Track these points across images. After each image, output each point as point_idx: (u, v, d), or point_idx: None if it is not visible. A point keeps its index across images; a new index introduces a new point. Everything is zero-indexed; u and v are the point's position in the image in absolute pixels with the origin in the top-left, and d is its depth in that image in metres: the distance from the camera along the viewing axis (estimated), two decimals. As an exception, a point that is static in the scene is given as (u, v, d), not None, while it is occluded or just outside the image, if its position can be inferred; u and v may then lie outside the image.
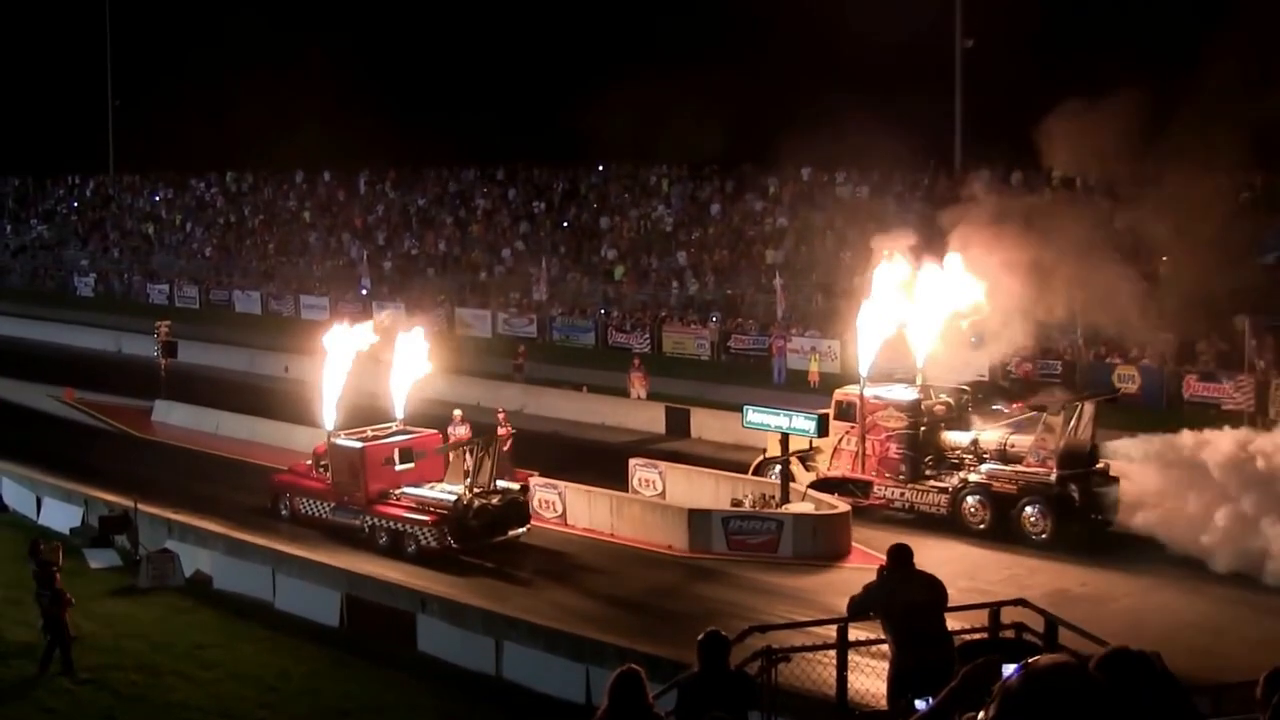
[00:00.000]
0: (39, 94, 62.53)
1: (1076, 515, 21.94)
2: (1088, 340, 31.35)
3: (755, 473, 24.64)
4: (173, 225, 60.28)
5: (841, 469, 24.32)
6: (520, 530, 22.88)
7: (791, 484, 23.48)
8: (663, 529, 22.80)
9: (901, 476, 23.59)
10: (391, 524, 22.90)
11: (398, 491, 23.23)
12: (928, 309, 24.23)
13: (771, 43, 40.23)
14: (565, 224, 48.75)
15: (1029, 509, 22.15)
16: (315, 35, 49.19)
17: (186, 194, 61.96)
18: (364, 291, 46.37)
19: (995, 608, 10.11)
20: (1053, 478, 22.03)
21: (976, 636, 9.69)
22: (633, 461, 25.43)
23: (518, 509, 22.88)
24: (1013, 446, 23.00)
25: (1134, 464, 22.43)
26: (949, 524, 22.68)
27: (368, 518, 23.21)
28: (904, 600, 9.37)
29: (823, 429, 23.64)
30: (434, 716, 17.54)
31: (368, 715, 17.26)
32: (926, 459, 23.68)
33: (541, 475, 24.74)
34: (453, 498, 22.46)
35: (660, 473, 24.95)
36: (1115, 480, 22.48)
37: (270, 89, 48.77)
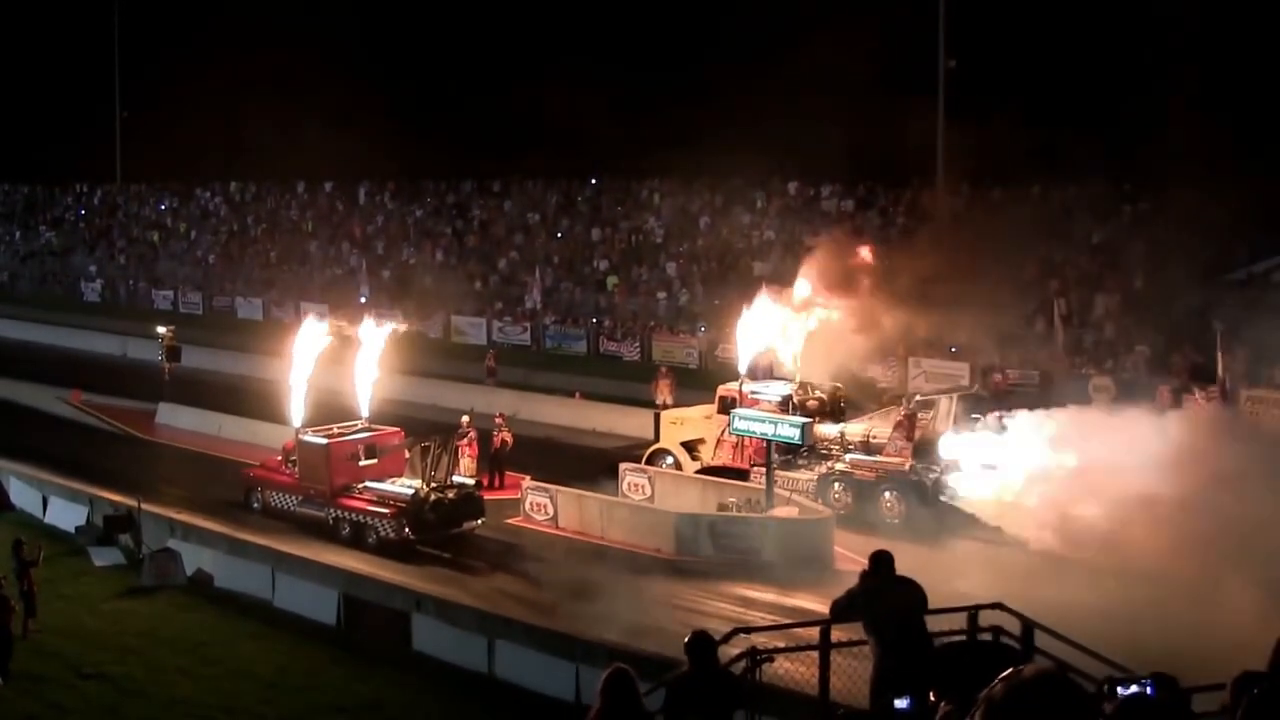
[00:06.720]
0: (48, 104, 63.13)
1: (927, 500, 23.18)
2: (1068, 350, 32.08)
3: (648, 462, 26.37)
4: (178, 233, 60.87)
5: (723, 458, 25.99)
6: (475, 523, 23.85)
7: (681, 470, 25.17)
8: (651, 532, 23.36)
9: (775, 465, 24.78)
10: (354, 516, 23.83)
11: (360, 486, 24.13)
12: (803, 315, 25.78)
13: (760, 60, 40.90)
14: (559, 235, 49.45)
15: (886, 495, 23.57)
16: (319, 51, 49.78)
17: (191, 203, 62.56)
18: (363, 300, 46.96)
19: (974, 611, 10.20)
20: (907, 466, 23.46)
21: (955, 639, 9.78)
22: (622, 466, 25.96)
23: (473, 503, 23.91)
24: (874, 438, 24.50)
25: None
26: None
27: (332, 510, 24.09)
28: (885, 604, 9.51)
29: (806, 434, 24.39)
30: (428, 713, 17.80)
31: (364, 712, 17.44)
32: (799, 449, 24.90)
33: (534, 479, 25.38)
34: (411, 492, 23.39)
35: (649, 478, 25.54)
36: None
37: (275, 102, 49.41)
